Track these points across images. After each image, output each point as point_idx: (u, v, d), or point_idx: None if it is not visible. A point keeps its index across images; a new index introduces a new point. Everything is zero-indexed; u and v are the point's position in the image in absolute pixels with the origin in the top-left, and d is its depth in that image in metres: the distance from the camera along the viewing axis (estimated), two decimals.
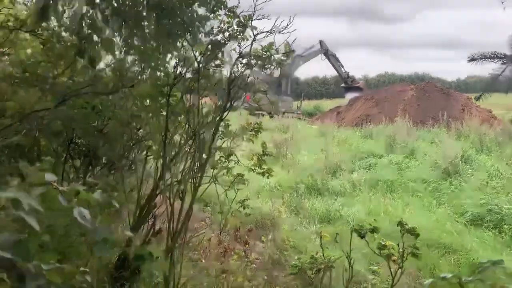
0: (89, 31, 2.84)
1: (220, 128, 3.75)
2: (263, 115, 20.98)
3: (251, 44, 3.30)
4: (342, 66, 32.02)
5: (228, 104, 3.09)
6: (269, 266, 4.95)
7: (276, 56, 3.85)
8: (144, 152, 4.31)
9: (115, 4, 3.14)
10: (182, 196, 3.06)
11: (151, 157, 4.01)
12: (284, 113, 22.34)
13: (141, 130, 4.29)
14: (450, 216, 6.81)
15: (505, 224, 6.16)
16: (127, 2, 3.29)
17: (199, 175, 3.33)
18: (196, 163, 3.22)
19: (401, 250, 1.98)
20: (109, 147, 4.27)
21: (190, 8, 3.58)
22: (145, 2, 3.31)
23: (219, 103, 3.62)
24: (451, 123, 16.22)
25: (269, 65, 3.79)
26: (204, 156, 3.08)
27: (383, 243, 2.08)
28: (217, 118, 3.06)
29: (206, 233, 5.75)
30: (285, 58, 3.94)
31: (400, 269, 2.00)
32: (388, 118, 18.13)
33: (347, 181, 8.89)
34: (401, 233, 2.05)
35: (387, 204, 7.08)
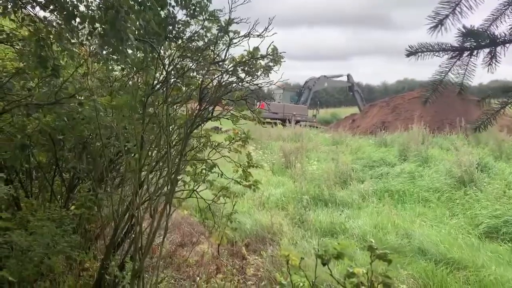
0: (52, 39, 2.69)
1: (202, 140, 3.56)
2: (276, 124, 20.78)
3: (227, 49, 3.10)
4: (364, 101, 32.21)
5: (198, 113, 2.88)
6: (263, 284, 4.69)
7: (263, 62, 3.66)
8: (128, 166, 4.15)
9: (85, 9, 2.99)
10: (153, 213, 2.86)
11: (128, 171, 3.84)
12: (297, 121, 22.06)
13: (129, 143, 4.13)
14: (464, 228, 6.41)
15: None
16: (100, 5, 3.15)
17: (170, 190, 3.13)
18: (167, 178, 3.03)
19: (370, 279, 1.71)
20: (93, 162, 4.12)
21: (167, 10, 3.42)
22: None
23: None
24: (469, 129, 15.63)
25: (255, 71, 3.60)
26: (172, 170, 2.88)
27: (351, 270, 1.81)
28: (189, 129, 2.86)
29: (203, 248, 5.54)
30: (273, 64, 3.73)
31: None
32: (404, 125, 17.66)
33: (357, 191, 8.57)
34: (370, 259, 1.78)
35: (396, 216, 6.72)
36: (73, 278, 3.28)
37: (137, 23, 2.64)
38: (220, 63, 3.10)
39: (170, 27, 3.57)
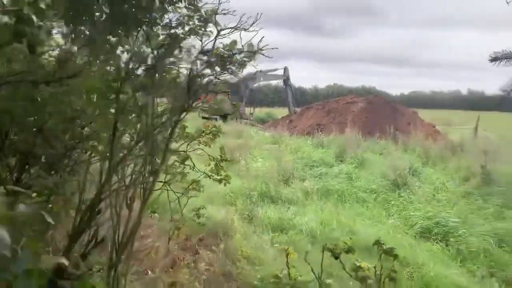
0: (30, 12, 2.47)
1: (176, 130, 3.47)
2: (216, 119, 20.68)
3: (214, 40, 3.05)
4: (294, 99, 32.35)
5: (187, 104, 2.81)
6: (219, 278, 4.68)
7: (239, 56, 3.64)
8: (88, 153, 3.93)
9: None
10: (130, 203, 2.74)
11: (96, 158, 3.64)
12: (238, 118, 22.14)
13: (86, 128, 3.90)
14: (400, 228, 6.90)
15: (451, 237, 6.31)
16: None
17: (150, 180, 3.02)
18: (148, 167, 2.92)
19: (378, 273, 1.82)
20: (49, 145, 3.84)
21: None
22: None
23: (174, 103, 3.34)
24: (398, 136, 16.77)
25: (231, 65, 3.57)
26: (157, 160, 2.78)
27: (358, 264, 1.91)
28: (175, 119, 2.78)
29: (153, 242, 5.39)
30: (248, 59, 3.73)
31: None
32: (339, 128, 18.50)
33: (299, 189, 8.83)
34: (378, 254, 1.89)
35: (339, 214, 7.05)
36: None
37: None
38: (209, 53, 3.04)
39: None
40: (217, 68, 3.51)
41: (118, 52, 3.57)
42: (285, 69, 31.54)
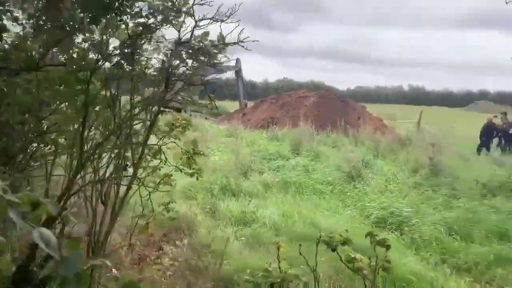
0: None
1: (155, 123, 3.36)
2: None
3: (192, 31, 2.98)
4: (245, 93, 32.17)
5: (167, 96, 2.73)
6: (186, 273, 4.62)
7: (210, 48, 3.58)
8: (50, 147, 3.72)
9: None
10: (105, 198, 2.63)
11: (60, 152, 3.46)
12: (192, 111, 21.81)
13: (44, 121, 3.69)
14: (357, 219, 7.14)
15: (405, 226, 6.64)
16: None
17: (122, 175, 2.91)
18: (121, 162, 2.81)
19: (373, 264, 1.87)
20: (6, 139, 3.59)
21: None
22: None
23: (146, 95, 3.24)
24: (348, 129, 17.33)
25: (202, 57, 3.51)
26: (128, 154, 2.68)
27: (352, 255, 1.95)
28: (154, 111, 2.69)
29: (115, 239, 5.21)
30: (217, 52, 3.68)
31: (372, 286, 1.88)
32: (292, 122, 18.80)
33: (258, 182, 8.89)
34: (372, 245, 1.94)
35: (299, 206, 7.18)
36: None
37: None
38: (186, 44, 2.96)
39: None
40: (189, 61, 3.45)
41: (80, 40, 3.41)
42: (237, 60, 31.16)
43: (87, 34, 3.33)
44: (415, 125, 18.98)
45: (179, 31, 2.95)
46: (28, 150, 4.17)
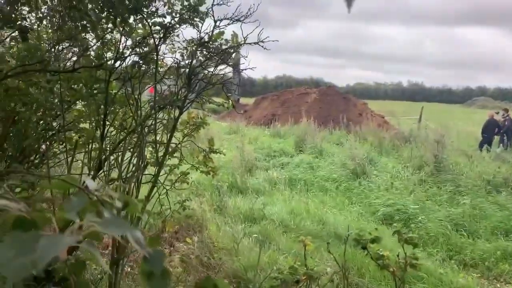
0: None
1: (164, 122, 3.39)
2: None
3: (212, 31, 3.00)
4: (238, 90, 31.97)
5: (190, 96, 2.76)
6: (199, 269, 4.67)
7: (224, 47, 3.61)
8: (64, 145, 3.74)
9: None
10: None
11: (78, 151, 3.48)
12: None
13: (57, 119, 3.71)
14: (363, 215, 7.19)
15: (412, 223, 6.68)
16: None
17: (142, 173, 2.94)
18: (142, 161, 2.84)
19: (401, 261, 1.91)
20: (23, 137, 3.62)
21: None
22: None
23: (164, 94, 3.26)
24: (350, 126, 17.34)
25: (217, 57, 3.54)
26: (157, 153, 2.71)
27: (381, 253, 1.99)
28: (177, 112, 2.72)
29: None
30: (232, 51, 3.70)
31: (402, 284, 1.92)
32: (293, 119, 18.81)
33: (264, 179, 8.94)
34: (399, 242, 1.98)
35: (307, 203, 7.22)
36: None
37: None
38: (207, 44, 2.99)
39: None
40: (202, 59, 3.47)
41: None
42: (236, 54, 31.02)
43: (108, 35, 3.36)
44: (417, 122, 19.01)
45: (199, 31, 2.96)
46: (43, 148, 4.22)
